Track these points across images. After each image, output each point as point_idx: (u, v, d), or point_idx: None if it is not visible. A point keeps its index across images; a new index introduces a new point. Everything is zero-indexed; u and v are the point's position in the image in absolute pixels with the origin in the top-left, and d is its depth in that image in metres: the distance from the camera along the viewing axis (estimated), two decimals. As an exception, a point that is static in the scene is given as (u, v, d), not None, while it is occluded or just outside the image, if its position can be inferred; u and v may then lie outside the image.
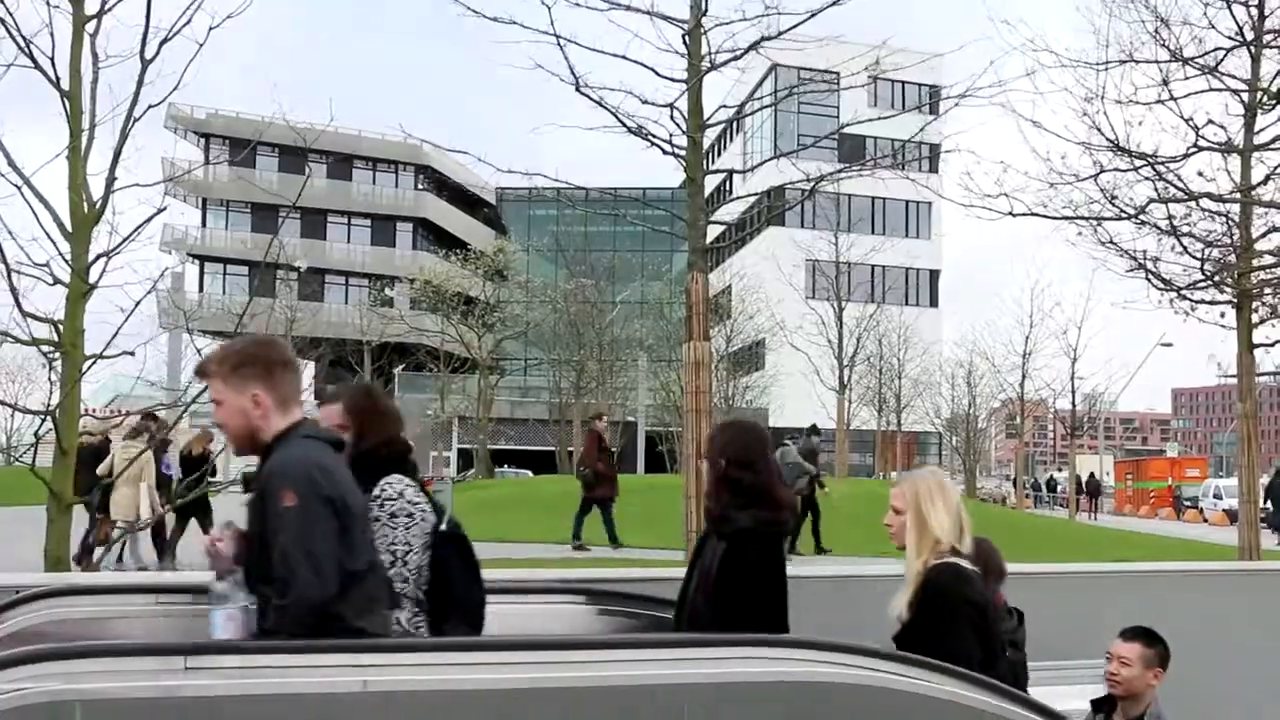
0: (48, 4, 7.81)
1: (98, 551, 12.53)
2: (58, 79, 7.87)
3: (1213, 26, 12.91)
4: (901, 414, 54.00)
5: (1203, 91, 13.21)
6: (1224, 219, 13.50)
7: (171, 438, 15.91)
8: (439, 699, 2.53)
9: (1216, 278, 13.49)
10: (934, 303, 64.47)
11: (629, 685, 2.66)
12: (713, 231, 15.27)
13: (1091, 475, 48.40)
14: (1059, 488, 56.57)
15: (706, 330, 11.85)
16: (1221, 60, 12.92)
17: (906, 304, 58.32)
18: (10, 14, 7.65)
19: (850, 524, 17.49)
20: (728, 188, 52.65)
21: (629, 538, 17.68)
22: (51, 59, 7.84)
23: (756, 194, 27.10)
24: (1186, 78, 13.12)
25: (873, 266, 53.22)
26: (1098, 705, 4.60)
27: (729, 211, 47.31)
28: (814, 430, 20.19)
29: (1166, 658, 4.54)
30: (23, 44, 7.73)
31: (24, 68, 7.79)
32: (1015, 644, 4.15)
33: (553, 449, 52.91)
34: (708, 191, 14.66)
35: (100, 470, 13.10)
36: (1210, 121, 12.98)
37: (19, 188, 7.67)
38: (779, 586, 3.93)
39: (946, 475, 4.00)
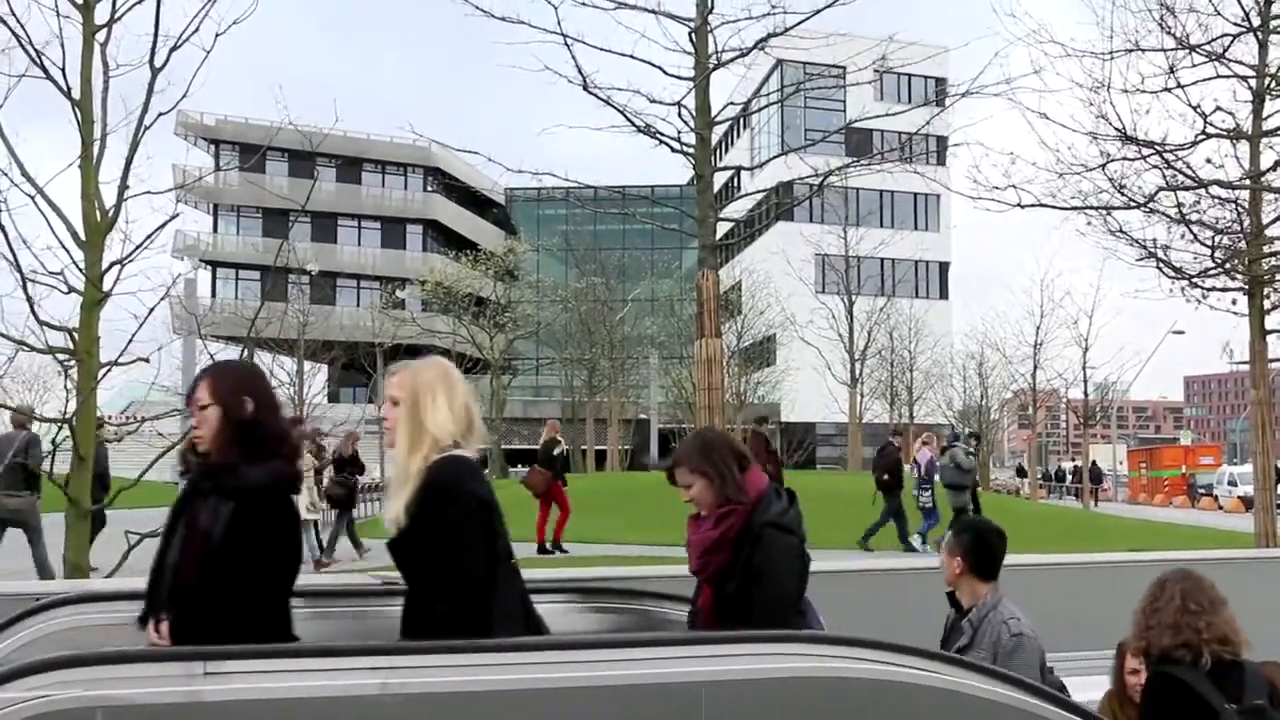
0: (58, 15, 7.85)
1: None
2: (69, 89, 7.91)
3: (1219, 13, 12.88)
4: (914, 406, 53.90)
5: (1210, 79, 13.18)
6: (1234, 206, 13.46)
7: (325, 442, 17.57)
8: (456, 700, 2.55)
9: (1227, 265, 13.45)
10: (944, 295, 64.31)
11: (646, 684, 2.67)
12: (722, 228, 15.25)
13: (1094, 464, 48.23)
14: (1067, 478, 56.39)
15: (718, 326, 11.88)
16: (1228, 47, 12.89)
17: (917, 296, 58.16)
18: (22, 26, 7.70)
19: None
20: (736, 184, 52.63)
21: (641, 535, 17.73)
22: (63, 69, 7.89)
23: (765, 190, 27.09)
24: (1193, 65, 13.09)
25: (882, 260, 53.13)
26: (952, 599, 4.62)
27: (738, 208, 47.27)
28: (975, 436, 20.54)
29: (973, 547, 4.48)
30: (34, 55, 7.78)
31: (36, 78, 7.84)
32: (786, 528, 3.74)
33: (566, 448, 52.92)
34: (716, 188, 14.66)
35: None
36: (1218, 108, 12.96)
37: (32, 197, 7.72)
38: (291, 552, 3.52)
39: (453, 366, 3.55)
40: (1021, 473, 59.68)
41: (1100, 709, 4.06)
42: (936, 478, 18.03)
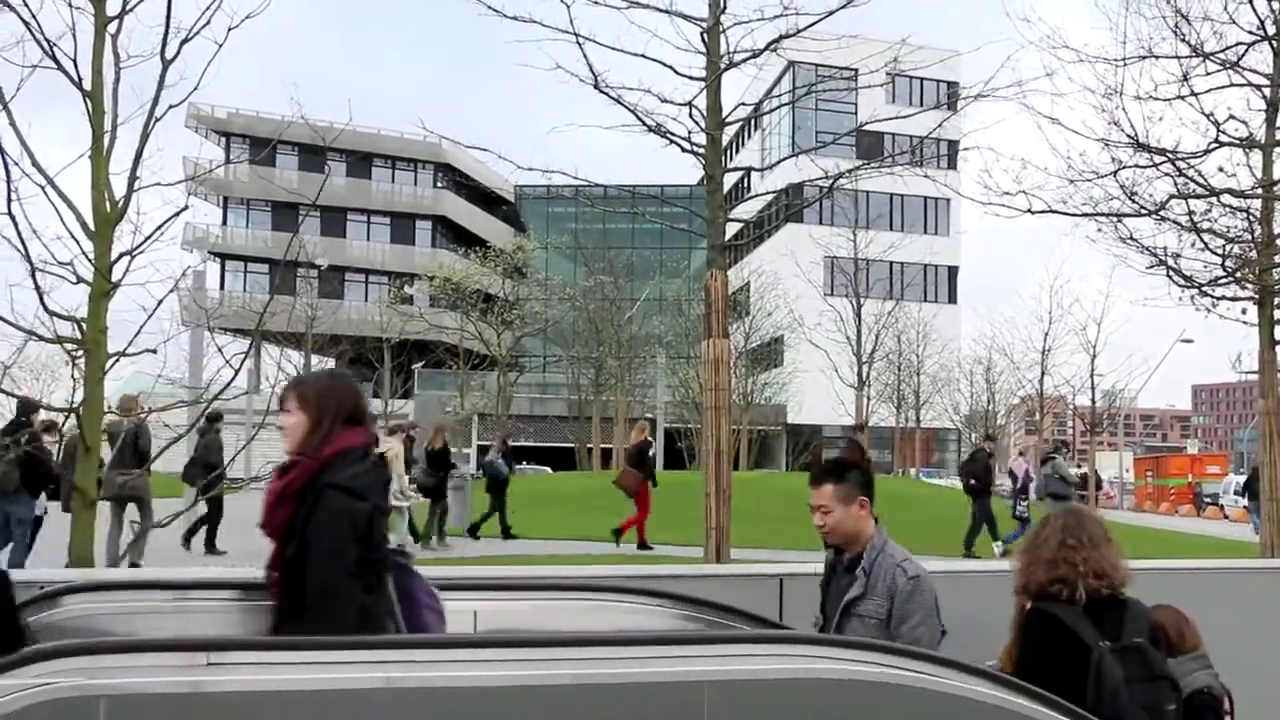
0: (70, 6, 7.87)
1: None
2: (80, 80, 7.93)
3: (1233, 21, 12.82)
4: (920, 410, 53.89)
5: (1224, 87, 13.12)
6: (1245, 215, 13.41)
7: (415, 435, 18.82)
8: (461, 695, 2.55)
9: (1238, 274, 13.40)
10: (953, 299, 64.29)
11: (651, 681, 2.67)
12: (731, 229, 15.26)
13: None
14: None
15: (726, 327, 11.86)
16: (1243, 55, 12.83)
17: (925, 300, 58.17)
18: (34, 17, 7.72)
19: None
20: (746, 185, 52.65)
21: (650, 536, 17.76)
22: (74, 60, 7.91)
23: (775, 191, 27.09)
24: (1207, 73, 13.02)
25: (891, 263, 53.10)
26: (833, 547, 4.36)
27: (747, 209, 47.35)
28: (1063, 444, 21.02)
29: (865, 484, 4.24)
30: (47, 46, 7.80)
31: (48, 69, 7.85)
32: (351, 490, 3.48)
33: (572, 445, 52.97)
34: (726, 189, 14.66)
35: None
36: (1231, 117, 12.89)
37: (43, 187, 7.73)
38: None
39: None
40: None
41: (999, 661, 3.94)
42: (1033, 488, 18.53)
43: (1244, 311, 13.64)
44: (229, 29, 8.24)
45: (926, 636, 3.91)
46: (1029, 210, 13.53)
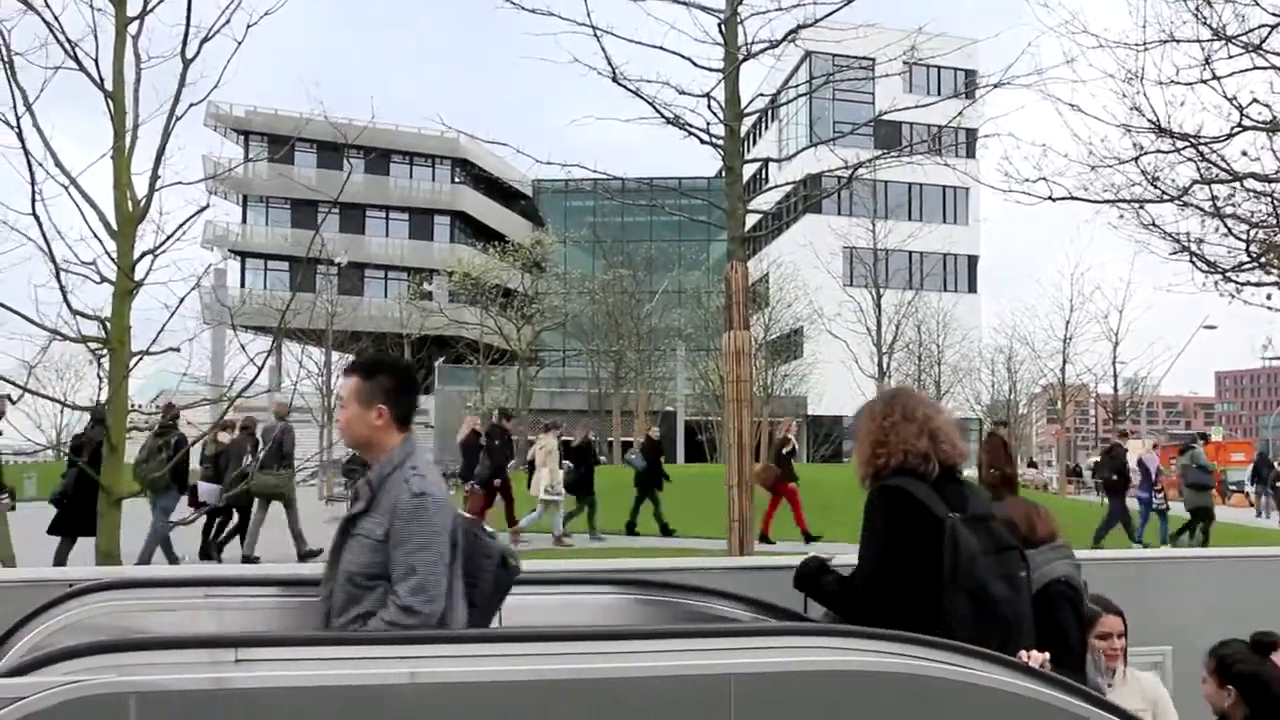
0: (92, 8, 7.92)
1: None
2: (101, 80, 7.98)
3: (1256, 3, 12.68)
4: (942, 400, 53.68)
5: (1246, 70, 12.98)
6: (1269, 199, 13.29)
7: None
8: (485, 690, 2.56)
9: (1262, 259, 13.29)
10: (973, 288, 63.99)
11: (677, 675, 2.68)
12: (750, 220, 15.23)
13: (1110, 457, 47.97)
14: (1084, 474, 55.97)
15: (746, 319, 11.85)
16: (1266, 38, 12.69)
17: (945, 290, 57.90)
18: (57, 19, 7.78)
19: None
20: (764, 176, 52.52)
21: (675, 527, 17.78)
22: (95, 61, 7.96)
23: (793, 182, 27.01)
24: (1230, 56, 12.88)
25: (910, 253, 52.89)
26: None
27: (766, 200, 47.21)
28: (1203, 437, 21.62)
29: (394, 392, 3.58)
30: (69, 47, 7.85)
31: (70, 70, 7.91)
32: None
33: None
34: (744, 180, 14.63)
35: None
36: (1254, 100, 12.75)
37: (66, 188, 7.80)
38: None
39: None
40: (1033, 465, 59.62)
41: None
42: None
43: (1269, 297, 13.54)
44: (248, 27, 8.29)
45: (424, 564, 3.30)
46: (1050, 197, 13.46)
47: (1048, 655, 3.11)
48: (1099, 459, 19.93)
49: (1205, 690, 4.17)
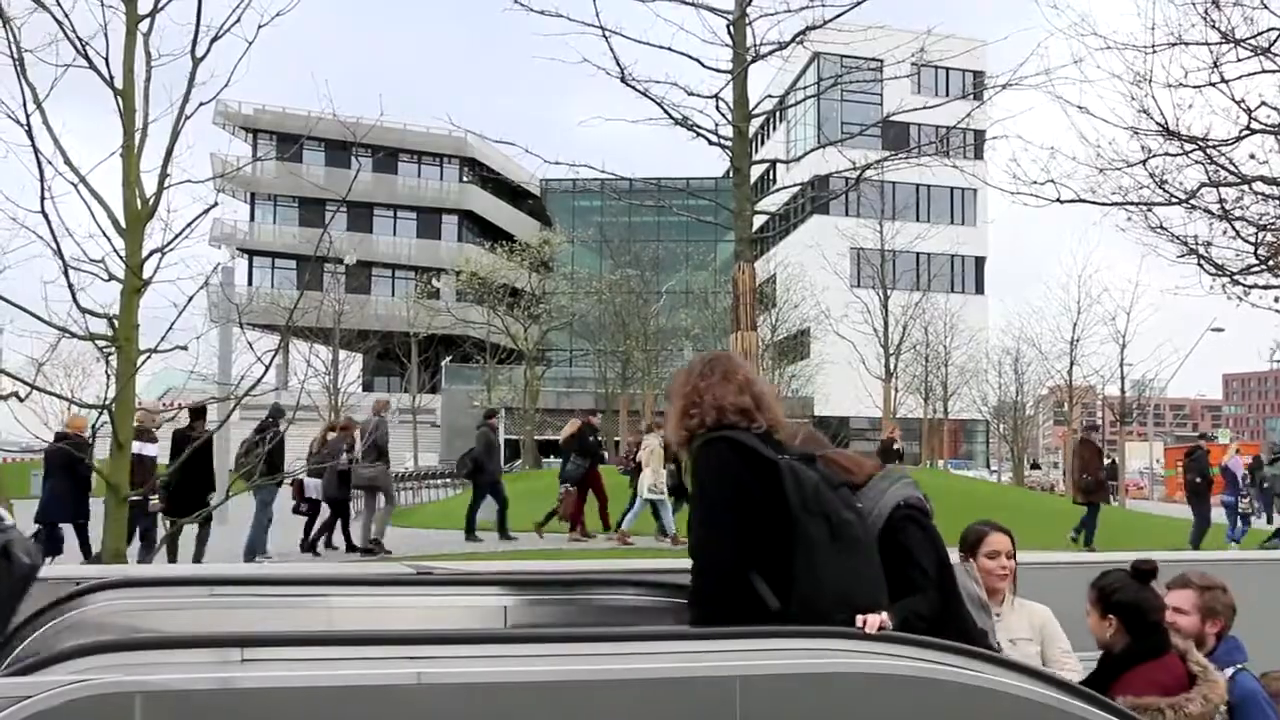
0: (102, 5, 7.93)
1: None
2: (111, 78, 7.99)
3: (1265, 6, 12.67)
4: (948, 402, 53.59)
5: (1255, 73, 12.97)
6: (1277, 202, 13.27)
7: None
8: (491, 691, 2.56)
9: (1270, 262, 13.27)
10: (980, 289, 63.92)
11: (683, 676, 2.68)
12: (757, 221, 15.22)
13: (1112, 462, 48.11)
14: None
15: (754, 320, 11.87)
16: (1275, 41, 12.67)
17: (952, 291, 57.82)
18: (67, 16, 7.79)
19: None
20: (771, 176, 52.45)
21: (680, 529, 17.70)
22: (106, 59, 7.96)
23: (801, 183, 26.98)
24: (1238, 59, 12.87)
25: (918, 254, 52.81)
26: None
27: (773, 201, 47.16)
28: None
29: None
30: (79, 46, 7.86)
31: (80, 67, 7.91)
32: None
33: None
34: (752, 181, 14.63)
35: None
36: (1263, 103, 12.74)
37: (75, 185, 7.80)
38: None
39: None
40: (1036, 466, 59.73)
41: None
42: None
43: (1277, 299, 13.51)
44: (259, 26, 8.28)
45: None
46: (1058, 199, 13.44)
47: (885, 616, 3.06)
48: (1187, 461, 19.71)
49: (1090, 624, 4.03)
